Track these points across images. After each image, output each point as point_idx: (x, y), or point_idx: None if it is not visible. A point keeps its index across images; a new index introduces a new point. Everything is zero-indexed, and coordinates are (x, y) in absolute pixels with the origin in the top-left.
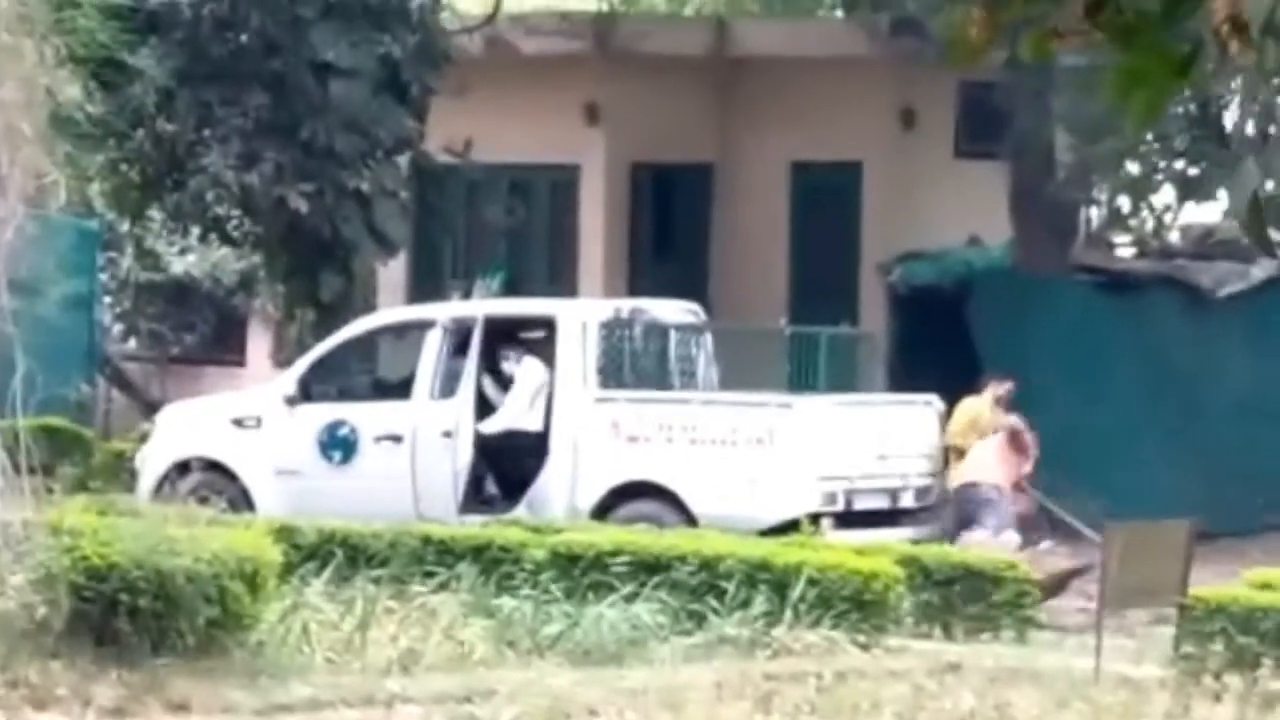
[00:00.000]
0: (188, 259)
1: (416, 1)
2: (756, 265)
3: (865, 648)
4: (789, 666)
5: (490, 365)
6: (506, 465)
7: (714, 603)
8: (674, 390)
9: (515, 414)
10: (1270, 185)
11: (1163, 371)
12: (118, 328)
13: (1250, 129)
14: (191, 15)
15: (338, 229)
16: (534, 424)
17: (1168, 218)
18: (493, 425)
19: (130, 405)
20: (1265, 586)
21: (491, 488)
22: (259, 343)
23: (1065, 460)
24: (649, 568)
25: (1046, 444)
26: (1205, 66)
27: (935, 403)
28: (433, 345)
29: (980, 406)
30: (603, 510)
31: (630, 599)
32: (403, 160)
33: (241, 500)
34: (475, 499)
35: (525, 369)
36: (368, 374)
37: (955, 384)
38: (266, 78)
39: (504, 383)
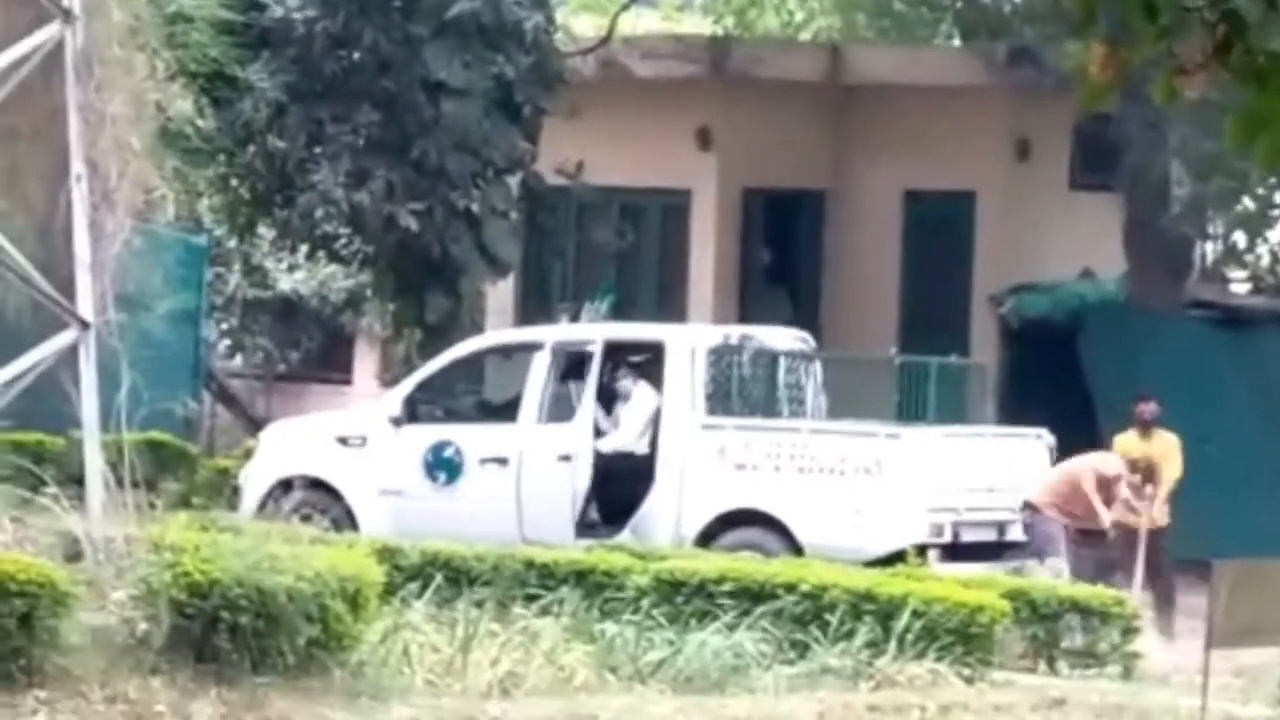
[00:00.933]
0: (295, 276)
1: (531, 22)
2: (867, 294)
3: (970, 681)
4: (892, 698)
5: (600, 390)
6: (615, 490)
7: (817, 632)
8: (782, 418)
9: (630, 438)
10: None
11: (1276, 409)
12: (223, 344)
13: None
14: (304, 31)
15: (447, 248)
16: (642, 449)
17: None
18: (608, 448)
19: (235, 422)
20: None
21: (603, 512)
22: (365, 362)
23: (1175, 496)
24: (753, 596)
25: None
26: None
27: (1045, 436)
28: (540, 368)
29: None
30: (708, 537)
31: (733, 627)
32: (513, 181)
33: (345, 519)
34: (587, 523)
35: (639, 393)
36: (474, 395)
37: (1066, 418)
38: (378, 95)
39: (610, 407)
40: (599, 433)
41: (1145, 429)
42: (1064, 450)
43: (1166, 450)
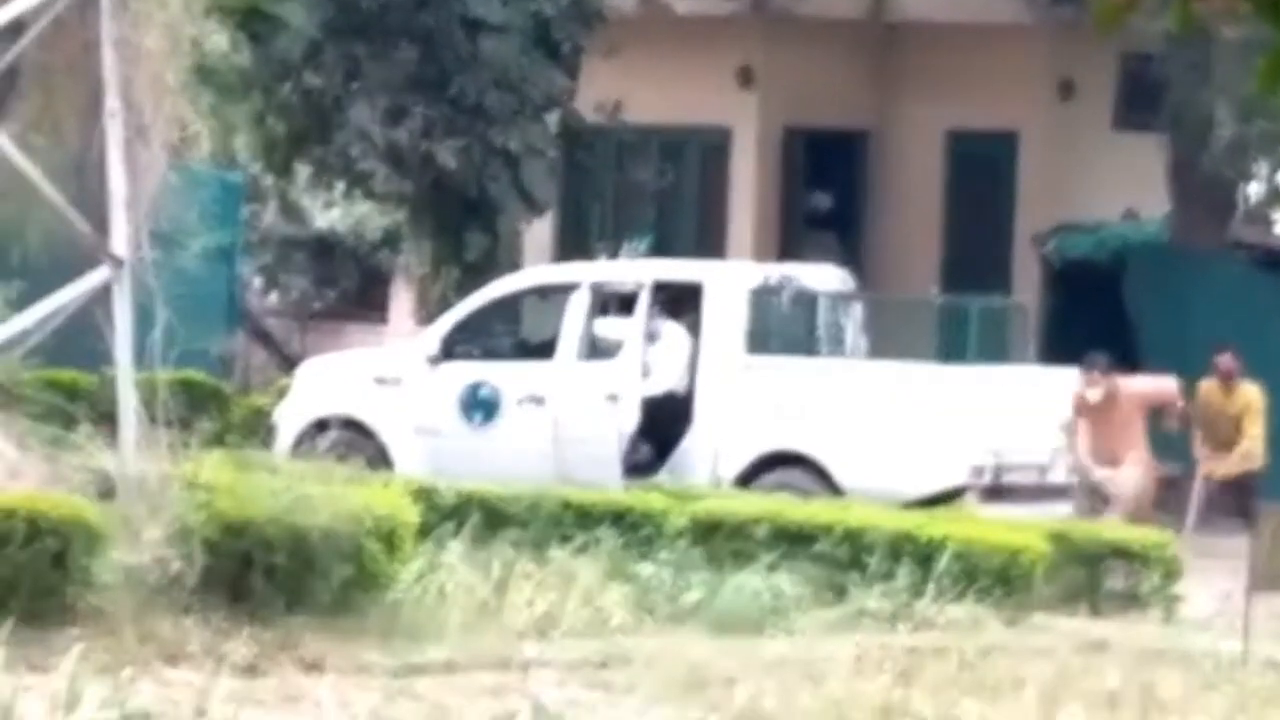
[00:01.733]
0: (331, 214)
1: None
2: (909, 234)
3: (1010, 624)
4: (931, 641)
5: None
6: (655, 431)
7: (856, 575)
8: (822, 358)
9: (670, 378)
10: None
11: None
12: (258, 282)
13: None
14: None
15: (485, 187)
16: (681, 389)
17: None
18: (656, 389)
19: (270, 360)
20: None
21: (645, 452)
22: (401, 300)
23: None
24: (791, 538)
25: None
26: None
27: None
28: (578, 307)
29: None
30: (747, 478)
31: (771, 569)
32: (552, 119)
33: (380, 459)
34: (633, 464)
35: (671, 333)
36: (511, 334)
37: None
38: (416, 32)
39: (652, 347)
40: (644, 373)
41: (1226, 381)
42: None
43: (1249, 404)
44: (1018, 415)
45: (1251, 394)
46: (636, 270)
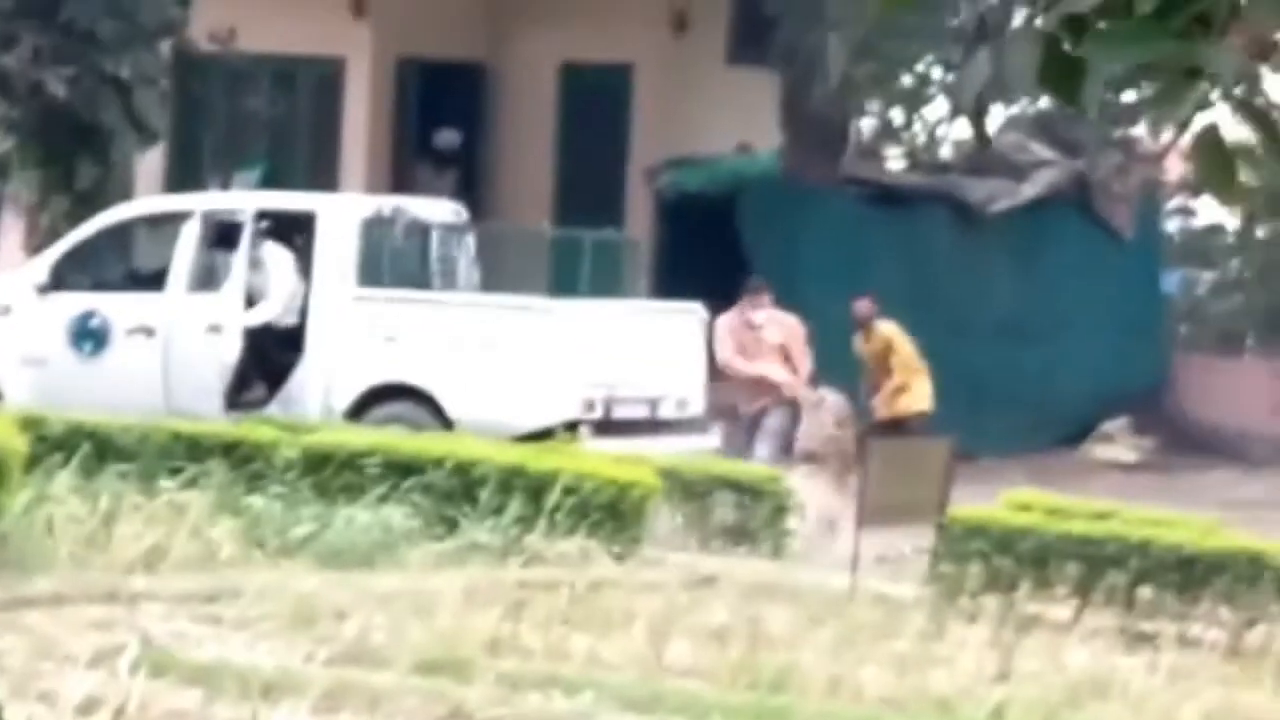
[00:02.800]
0: None
1: None
2: (523, 167)
3: (620, 558)
4: (542, 575)
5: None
6: (264, 363)
7: (467, 508)
8: (434, 290)
9: (276, 309)
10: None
11: (928, 287)
12: None
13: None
14: None
15: (96, 115)
16: (290, 321)
17: (940, 131)
18: (257, 320)
19: None
20: (1024, 508)
21: (253, 384)
22: (11, 230)
23: (829, 370)
24: (402, 470)
25: (813, 355)
26: None
27: (700, 311)
28: (189, 237)
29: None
30: (358, 411)
31: (382, 501)
32: (165, 47)
33: None
34: (236, 396)
35: (279, 264)
36: (122, 265)
37: (721, 293)
38: None
39: (257, 278)
40: (250, 304)
41: (864, 327)
42: None
43: (888, 343)
44: (629, 350)
45: (888, 332)
46: (247, 200)
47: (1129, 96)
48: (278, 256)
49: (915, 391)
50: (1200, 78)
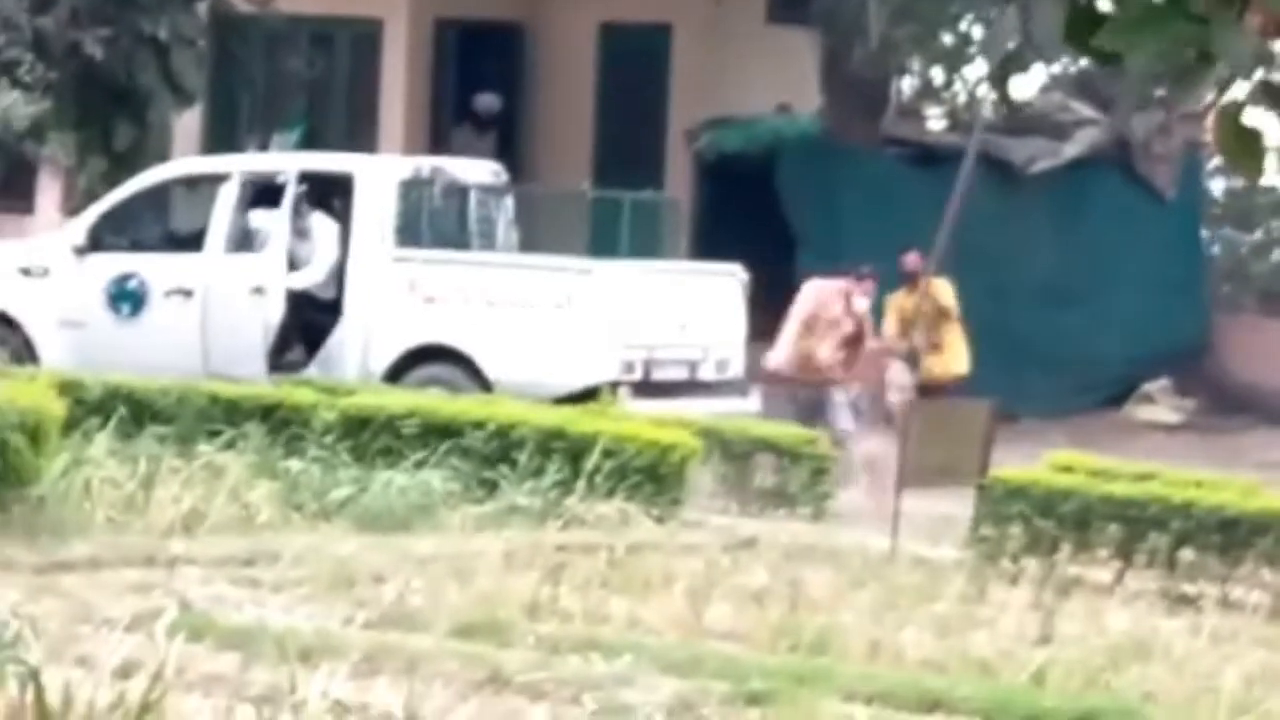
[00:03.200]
0: None
1: None
2: (563, 128)
3: (660, 520)
4: (581, 538)
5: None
6: (304, 324)
7: (506, 471)
8: (473, 252)
9: (319, 271)
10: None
11: (969, 248)
12: None
13: None
14: None
15: (133, 76)
16: (330, 282)
17: (980, 91)
18: (301, 282)
19: None
20: (1066, 470)
21: (293, 346)
22: (48, 191)
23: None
24: (441, 433)
25: None
26: None
27: (739, 273)
28: (228, 198)
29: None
30: (396, 373)
31: (421, 465)
32: (202, 8)
33: (25, 352)
34: (278, 358)
35: (320, 225)
36: (160, 226)
37: (762, 255)
38: None
39: (298, 240)
40: (292, 265)
41: (910, 281)
42: (760, 287)
43: (943, 300)
44: (669, 311)
45: (939, 287)
46: (285, 162)
47: None
48: (318, 218)
49: (954, 353)
50: (1214, 62)
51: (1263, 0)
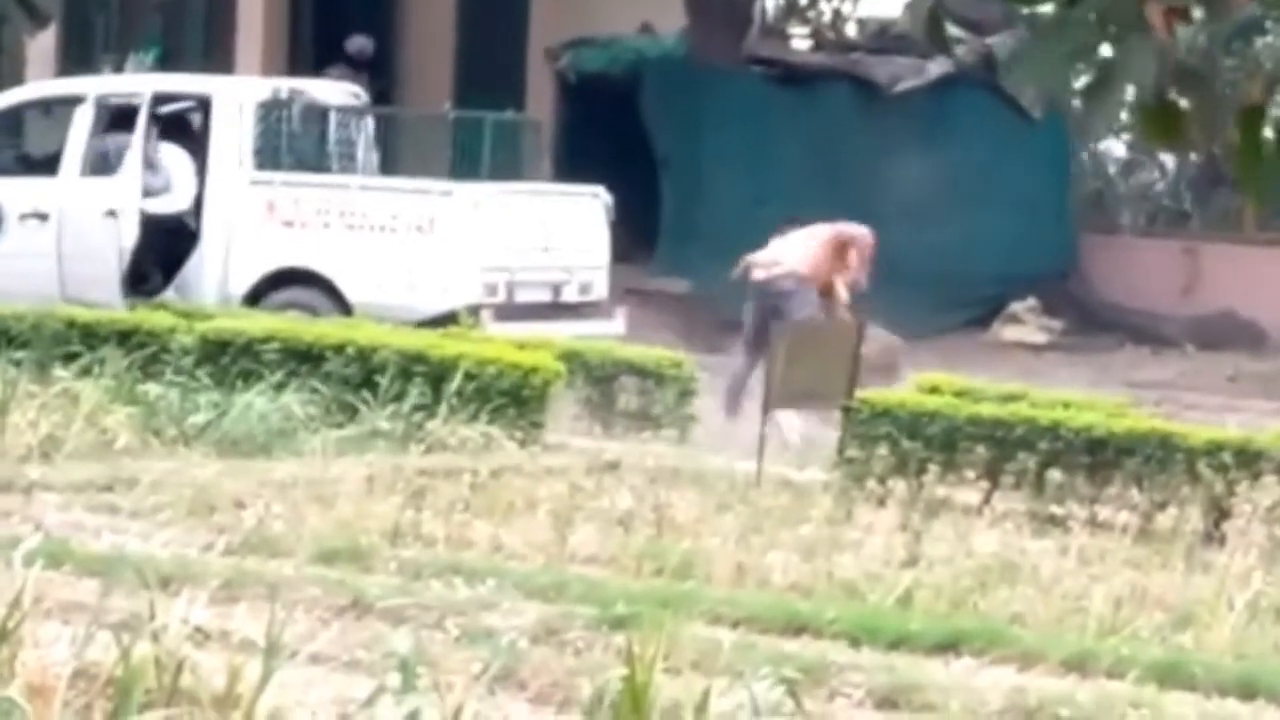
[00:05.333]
0: None
1: None
2: (423, 49)
3: (523, 444)
4: (443, 462)
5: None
6: (161, 248)
7: (367, 395)
8: (332, 174)
9: (175, 194)
10: None
11: (834, 167)
12: None
13: None
14: None
15: None
16: (187, 205)
17: (845, 10)
18: (156, 206)
19: None
20: (933, 390)
21: (149, 270)
22: None
23: (733, 254)
24: (301, 357)
25: (716, 237)
26: None
27: (602, 194)
28: (83, 121)
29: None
30: (255, 296)
31: (281, 389)
32: None
33: None
34: (133, 282)
35: (176, 148)
36: (14, 149)
37: (625, 175)
38: None
39: (154, 161)
40: (147, 189)
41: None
42: (623, 209)
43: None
44: (531, 233)
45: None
46: (141, 84)
47: None
48: (177, 142)
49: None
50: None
51: None
